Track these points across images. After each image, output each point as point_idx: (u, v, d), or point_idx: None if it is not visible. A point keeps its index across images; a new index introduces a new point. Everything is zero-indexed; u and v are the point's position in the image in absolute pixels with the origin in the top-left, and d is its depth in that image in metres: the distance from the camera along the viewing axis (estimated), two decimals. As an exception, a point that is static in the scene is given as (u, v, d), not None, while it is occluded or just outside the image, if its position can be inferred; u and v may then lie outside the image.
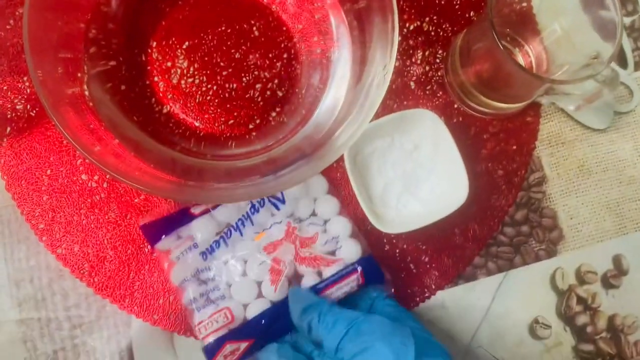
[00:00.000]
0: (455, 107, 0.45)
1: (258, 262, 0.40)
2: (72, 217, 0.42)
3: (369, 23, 0.40)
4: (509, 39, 0.45)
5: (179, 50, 0.43)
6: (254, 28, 0.43)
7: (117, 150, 0.38)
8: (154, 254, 0.42)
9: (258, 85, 0.43)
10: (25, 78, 0.44)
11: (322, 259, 0.40)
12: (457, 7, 0.46)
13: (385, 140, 0.44)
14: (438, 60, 0.45)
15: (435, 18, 0.46)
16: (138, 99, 0.42)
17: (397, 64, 0.45)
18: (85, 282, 0.42)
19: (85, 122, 0.38)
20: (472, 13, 0.46)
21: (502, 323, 0.44)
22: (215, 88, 0.43)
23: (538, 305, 0.44)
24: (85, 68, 0.41)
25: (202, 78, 0.43)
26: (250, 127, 0.43)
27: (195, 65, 0.43)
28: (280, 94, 0.43)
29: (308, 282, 0.40)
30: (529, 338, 0.44)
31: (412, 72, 0.45)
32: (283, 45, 0.43)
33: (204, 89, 0.43)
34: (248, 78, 0.43)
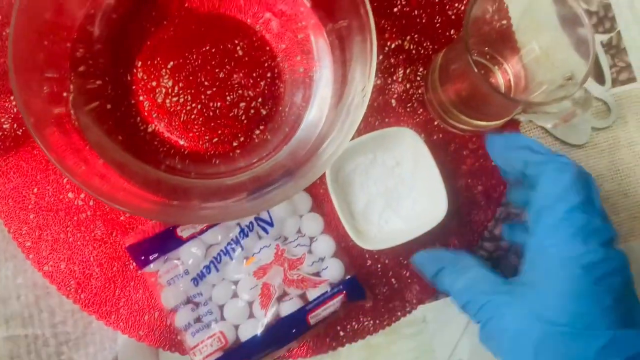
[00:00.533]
0: (436, 124, 0.46)
1: (249, 286, 0.41)
2: (58, 234, 0.43)
3: (350, 42, 0.41)
4: (488, 57, 0.46)
5: (164, 70, 0.43)
6: (238, 48, 0.44)
7: (102, 171, 0.39)
8: (140, 271, 0.42)
9: (242, 104, 0.44)
10: (12, 97, 0.44)
11: (309, 281, 0.41)
12: (437, 25, 0.47)
13: (368, 157, 0.45)
14: (419, 78, 0.46)
15: (417, 36, 0.47)
16: (123, 118, 0.43)
17: (378, 82, 0.46)
18: (72, 299, 0.43)
19: (70, 141, 0.39)
20: (452, 31, 0.47)
21: (482, 336, 0.45)
22: (200, 107, 0.43)
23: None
24: (71, 87, 0.42)
25: (186, 97, 0.43)
26: (234, 144, 0.44)
27: (180, 85, 0.43)
28: (264, 112, 0.44)
29: (295, 303, 0.41)
30: (509, 350, 0.45)
31: (393, 89, 0.46)
32: (267, 65, 0.44)
33: (189, 108, 0.43)
34: (232, 97, 0.44)
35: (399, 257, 0.45)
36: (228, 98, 0.44)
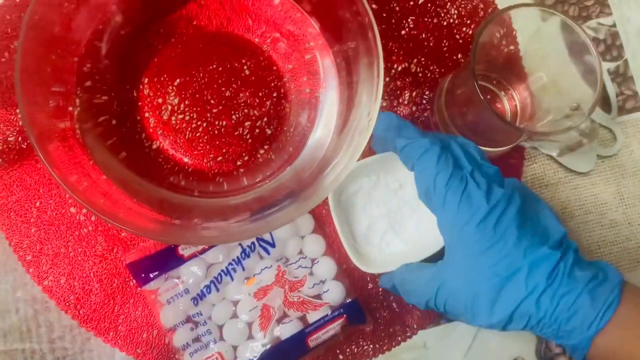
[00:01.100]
0: (441, 148, 0.46)
1: (249, 307, 0.41)
2: (59, 249, 0.43)
3: (356, 65, 0.41)
4: (495, 83, 0.46)
5: (171, 87, 0.43)
6: (245, 67, 0.44)
7: (104, 187, 0.38)
8: (140, 289, 0.42)
9: (247, 123, 0.44)
10: (18, 110, 0.44)
11: (309, 304, 0.41)
12: (445, 49, 0.47)
13: (371, 179, 0.44)
14: (425, 101, 0.46)
15: (424, 60, 0.47)
16: (128, 134, 0.43)
17: (384, 104, 0.46)
18: (71, 314, 0.42)
19: (74, 157, 0.39)
20: (460, 56, 0.47)
21: (482, 363, 0.45)
22: (205, 125, 0.43)
23: (518, 346, 0.45)
24: (77, 102, 0.42)
25: (192, 115, 0.43)
26: (239, 163, 0.44)
27: (186, 102, 0.43)
28: (269, 132, 0.44)
29: (295, 325, 0.41)
30: (509, 378, 0.45)
31: (399, 112, 0.46)
32: (273, 85, 0.44)
33: (194, 126, 0.43)
34: (238, 116, 0.44)
35: (401, 281, 0.44)
36: (233, 117, 0.44)
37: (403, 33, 0.47)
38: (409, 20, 0.47)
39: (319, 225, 0.44)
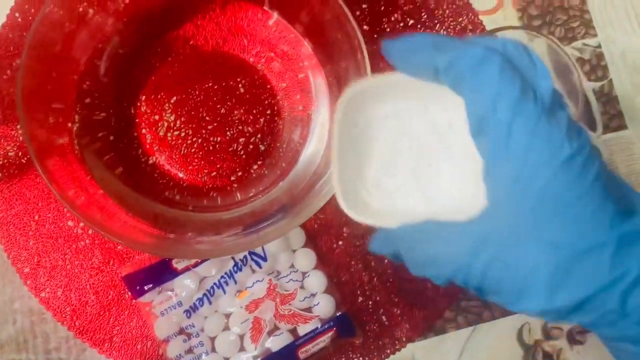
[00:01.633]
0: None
1: (240, 320, 0.41)
2: (57, 261, 0.44)
3: (347, 83, 0.42)
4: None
5: (167, 105, 0.45)
6: (240, 85, 0.45)
7: (101, 201, 0.40)
8: (134, 301, 0.43)
9: (241, 139, 0.45)
10: (18, 126, 0.45)
11: (299, 316, 0.42)
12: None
13: (414, 106, 0.31)
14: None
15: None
16: (125, 150, 0.44)
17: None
18: (67, 325, 0.43)
19: (72, 171, 0.40)
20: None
21: (470, 376, 0.45)
22: (200, 141, 0.45)
23: (505, 359, 0.46)
24: (76, 118, 0.43)
25: (187, 131, 0.45)
26: (232, 179, 0.45)
27: (182, 119, 0.45)
28: (263, 148, 0.45)
29: (285, 338, 0.42)
30: (497, 391, 0.46)
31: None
32: (267, 102, 0.45)
33: (189, 142, 0.45)
34: (232, 132, 0.45)
35: (391, 294, 0.45)
36: (228, 133, 0.45)
37: (394, 53, 0.48)
38: (400, 41, 0.48)
39: (310, 239, 0.45)
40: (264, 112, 0.45)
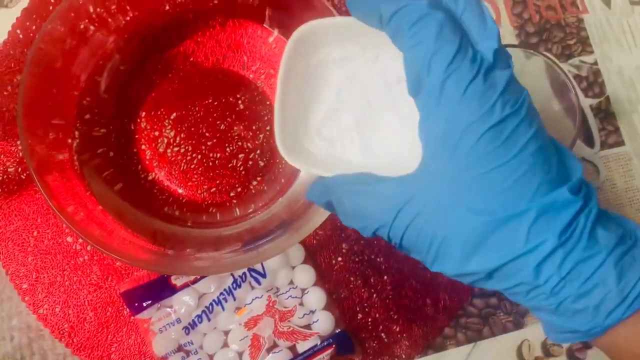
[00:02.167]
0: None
1: (239, 337, 0.41)
2: (55, 278, 0.44)
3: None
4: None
5: (167, 121, 0.45)
6: (239, 101, 0.45)
7: (100, 217, 0.40)
8: (133, 317, 0.43)
9: (241, 155, 0.45)
10: (18, 142, 0.46)
11: (299, 333, 0.42)
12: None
13: (365, 53, 0.30)
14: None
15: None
16: (125, 166, 0.44)
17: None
18: (65, 342, 0.43)
19: (71, 187, 0.40)
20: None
21: (470, 393, 0.45)
22: (200, 157, 0.45)
23: (506, 377, 0.45)
24: (76, 134, 0.43)
25: (187, 147, 0.45)
26: (232, 194, 0.45)
27: (182, 135, 0.45)
28: (262, 164, 0.45)
29: (284, 355, 0.41)
30: (497, 409, 0.45)
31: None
32: (266, 118, 0.46)
33: (189, 158, 0.45)
34: (232, 148, 0.45)
35: (390, 311, 0.45)
36: (227, 149, 0.45)
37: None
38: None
39: (309, 256, 0.45)
40: (264, 128, 0.46)
